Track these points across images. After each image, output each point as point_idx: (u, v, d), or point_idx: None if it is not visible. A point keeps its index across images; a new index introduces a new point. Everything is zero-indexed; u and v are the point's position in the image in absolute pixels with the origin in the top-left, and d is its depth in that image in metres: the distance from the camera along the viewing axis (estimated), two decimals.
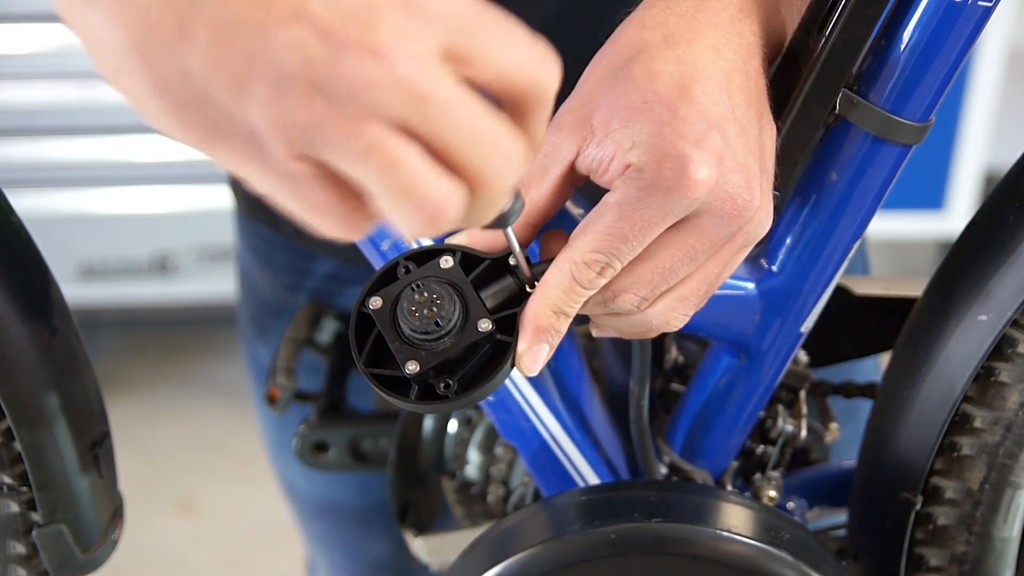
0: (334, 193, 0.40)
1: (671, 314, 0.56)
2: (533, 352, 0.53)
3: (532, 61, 0.41)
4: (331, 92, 0.37)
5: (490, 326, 0.52)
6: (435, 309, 0.52)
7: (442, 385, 0.52)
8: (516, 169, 0.42)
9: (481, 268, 0.54)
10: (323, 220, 0.41)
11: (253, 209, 0.96)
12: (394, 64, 0.37)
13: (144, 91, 0.39)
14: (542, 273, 0.54)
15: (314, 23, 0.37)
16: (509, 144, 0.41)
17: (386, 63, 0.37)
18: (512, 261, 0.54)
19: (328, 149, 0.39)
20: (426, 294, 0.52)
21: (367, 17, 0.37)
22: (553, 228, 0.57)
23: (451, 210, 0.40)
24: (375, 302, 0.53)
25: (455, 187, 0.40)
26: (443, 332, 0.52)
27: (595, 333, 0.61)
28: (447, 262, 0.54)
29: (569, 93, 0.55)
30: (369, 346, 0.53)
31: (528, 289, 0.54)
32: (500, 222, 0.48)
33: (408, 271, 0.54)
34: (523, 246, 0.55)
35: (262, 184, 0.41)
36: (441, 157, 0.40)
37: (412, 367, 0.52)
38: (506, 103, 0.42)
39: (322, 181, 0.40)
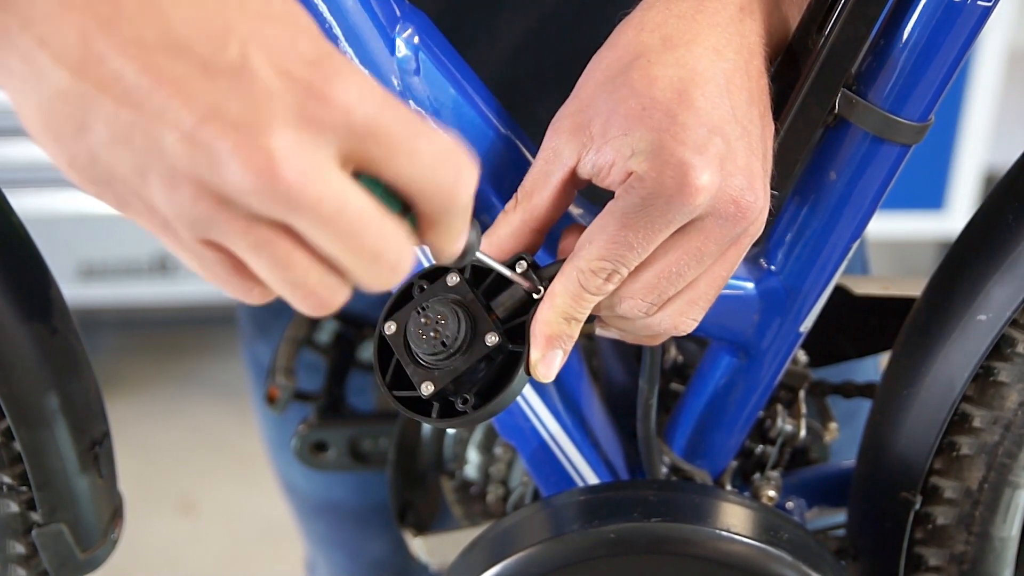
0: (235, 272, 0.42)
1: (679, 318, 0.56)
2: (547, 359, 0.54)
3: (439, 172, 0.42)
4: (218, 194, 0.39)
5: (497, 339, 0.53)
6: (440, 330, 0.53)
7: (460, 401, 0.54)
8: (396, 278, 0.43)
9: (490, 279, 0.55)
10: (226, 289, 0.44)
11: None
12: (277, 175, 0.38)
13: (58, 161, 0.41)
14: (552, 275, 0.54)
15: (202, 130, 0.38)
16: (393, 258, 0.42)
17: (268, 173, 0.38)
18: (520, 269, 0.55)
19: (221, 239, 0.40)
20: (430, 316, 0.53)
21: (257, 127, 0.38)
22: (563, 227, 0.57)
23: (337, 302, 0.43)
24: (390, 327, 0.55)
25: (341, 285, 0.42)
26: (451, 351, 0.53)
27: (599, 332, 0.61)
28: (453, 279, 0.54)
29: (569, 92, 0.55)
30: (391, 369, 0.55)
31: (535, 296, 0.54)
32: (461, 259, 0.49)
33: (422, 290, 0.55)
34: (531, 252, 0.56)
35: (173, 252, 0.43)
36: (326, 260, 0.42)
37: (427, 389, 0.53)
38: (415, 206, 0.43)
39: (223, 262, 0.42)
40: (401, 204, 0.43)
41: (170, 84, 0.38)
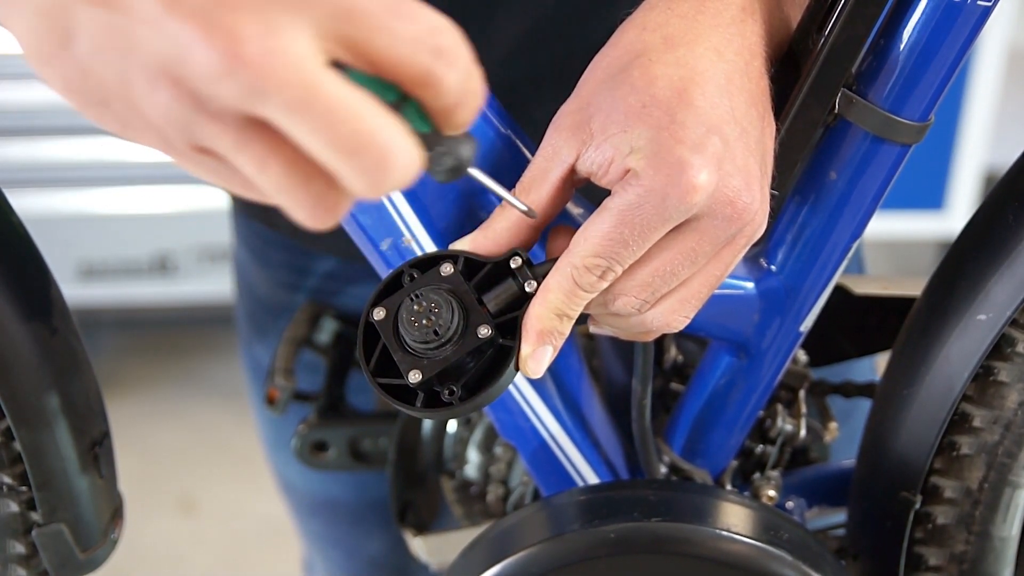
0: (235, 177, 0.41)
1: (672, 316, 0.56)
2: (537, 355, 0.53)
3: (419, 53, 0.39)
4: (193, 88, 0.37)
5: (489, 332, 0.53)
6: (433, 318, 0.52)
7: (446, 392, 0.53)
8: (389, 177, 0.39)
9: (483, 272, 0.55)
10: (240, 193, 0.42)
11: (248, 206, 0.96)
12: (240, 56, 0.36)
13: (58, 89, 0.41)
14: (544, 274, 0.54)
15: (168, 17, 0.37)
16: (378, 150, 0.38)
17: (232, 55, 0.36)
18: (514, 265, 0.54)
19: (207, 142, 0.39)
20: (424, 304, 0.52)
21: (221, 8, 0.37)
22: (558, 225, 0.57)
23: (328, 210, 0.40)
24: (379, 313, 0.54)
25: (327, 190, 0.40)
26: (443, 340, 0.52)
27: (592, 330, 0.61)
28: (447, 269, 0.54)
29: (568, 92, 0.55)
30: (376, 356, 0.54)
31: (527, 290, 0.54)
32: (453, 173, 0.45)
33: (412, 279, 0.54)
34: (526, 248, 0.55)
35: (184, 167, 0.41)
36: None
37: (415, 376, 0.52)
38: (406, 86, 0.40)
39: (220, 167, 0.40)
40: (397, 92, 0.40)
41: None
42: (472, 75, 0.41)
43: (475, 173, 0.49)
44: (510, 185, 0.56)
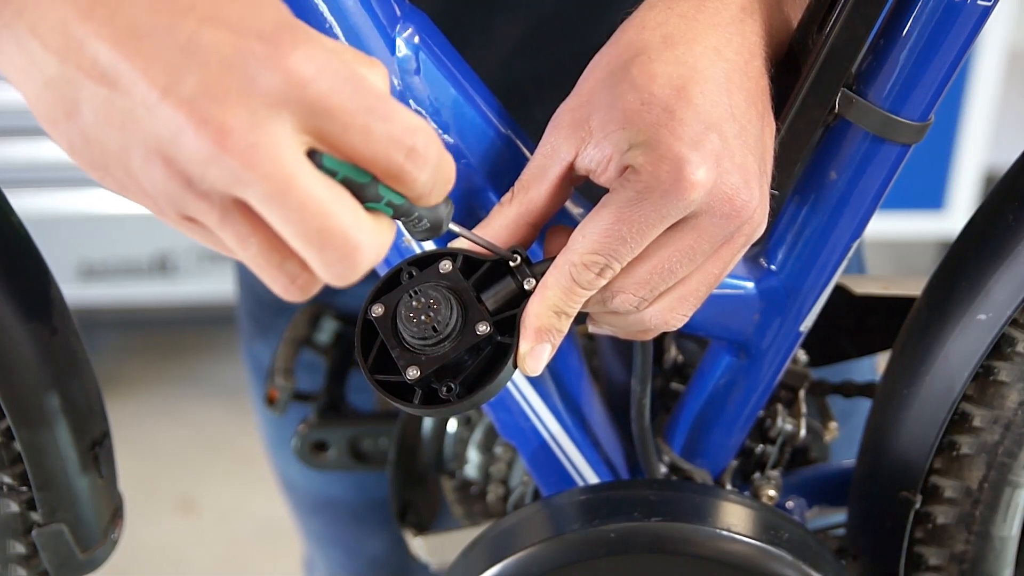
0: (221, 245, 0.44)
1: (670, 314, 0.56)
2: (535, 352, 0.54)
3: (392, 152, 0.42)
4: (183, 168, 0.40)
5: (488, 329, 0.53)
6: (432, 315, 0.52)
7: (444, 389, 0.53)
8: (351, 269, 0.43)
9: (482, 270, 0.55)
10: (236, 258, 0.45)
11: None
12: (226, 147, 0.39)
13: (64, 150, 0.43)
14: (543, 272, 0.54)
15: (162, 104, 0.39)
16: (343, 247, 0.42)
17: (218, 146, 0.39)
18: (513, 263, 0.54)
19: (195, 215, 0.42)
20: (423, 300, 0.53)
21: (209, 100, 0.39)
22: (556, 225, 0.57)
23: (300, 288, 0.44)
24: (377, 309, 0.54)
25: (300, 271, 0.43)
26: (441, 337, 0.52)
27: (591, 329, 0.61)
28: (446, 267, 0.54)
29: (568, 92, 0.56)
30: (374, 353, 0.54)
31: (526, 288, 0.54)
32: (431, 233, 0.49)
33: (411, 276, 0.54)
34: (524, 247, 0.55)
35: (175, 228, 0.45)
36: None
37: (413, 373, 0.52)
38: (380, 178, 0.43)
39: (208, 235, 0.43)
40: (372, 175, 0.43)
41: (136, 60, 0.40)
42: (442, 168, 0.44)
43: (454, 227, 0.51)
44: (509, 184, 0.56)
